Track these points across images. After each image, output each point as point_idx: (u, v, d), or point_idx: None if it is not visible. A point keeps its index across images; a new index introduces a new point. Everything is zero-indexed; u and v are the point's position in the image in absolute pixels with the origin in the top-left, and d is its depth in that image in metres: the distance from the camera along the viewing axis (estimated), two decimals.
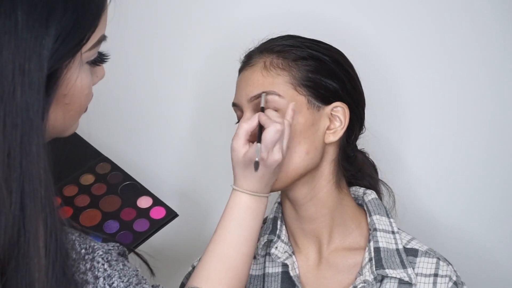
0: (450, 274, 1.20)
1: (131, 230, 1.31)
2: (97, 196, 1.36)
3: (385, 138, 1.44)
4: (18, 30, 0.85)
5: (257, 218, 1.12)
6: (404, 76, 1.55)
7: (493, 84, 1.53)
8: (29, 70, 0.86)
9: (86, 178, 1.39)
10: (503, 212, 1.56)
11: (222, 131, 1.14)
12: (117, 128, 1.63)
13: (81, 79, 0.93)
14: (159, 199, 1.36)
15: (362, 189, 1.29)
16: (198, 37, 1.59)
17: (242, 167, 1.12)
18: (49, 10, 0.87)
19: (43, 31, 0.86)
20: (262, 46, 1.23)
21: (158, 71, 1.62)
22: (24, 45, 0.85)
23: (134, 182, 1.38)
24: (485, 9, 1.50)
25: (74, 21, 0.89)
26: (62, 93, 0.91)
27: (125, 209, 1.34)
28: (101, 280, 0.96)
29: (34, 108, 0.86)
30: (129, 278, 0.98)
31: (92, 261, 0.96)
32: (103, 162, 1.41)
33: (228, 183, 1.16)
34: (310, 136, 1.17)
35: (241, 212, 1.12)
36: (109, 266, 0.97)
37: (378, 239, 1.21)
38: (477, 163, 1.55)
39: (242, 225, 1.11)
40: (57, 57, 0.88)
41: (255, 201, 1.12)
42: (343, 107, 1.20)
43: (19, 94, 0.85)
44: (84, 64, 0.94)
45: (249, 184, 1.12)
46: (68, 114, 0.95)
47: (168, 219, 1.33)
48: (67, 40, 0.88)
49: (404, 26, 1.53)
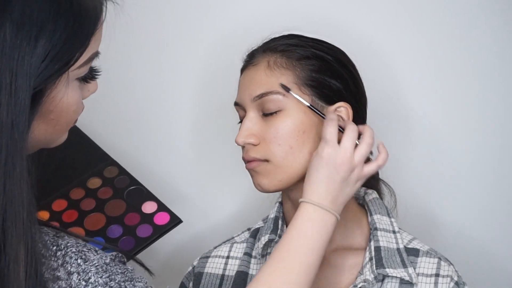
0: (452, 274, 1.20)
1: (133, 236, 1.31)
2: (102, 200, 1.36)
3: (386, 138, 1.44)
4: (6, 48, 0.84)
5: (326, 236, 1.07)
6: (406, 76, 1.55)
7: (495, 85, 1.53)
8: (16, 89, 0.84)
9: (94, 181, 1.39)
10: (504, 212, 1.56)
11: (227, 132, 1.14)
12: (121, 129, 1.63)
13: (67, 97, 0.91)
14: (164, 204, 1.35)
15: (363, 189, 1.29)
16: (200, 37, 1.59)
17: (347, 173, 1.10)
18: (38, 29, 0.85)
19: (31, 50, 0.85)
20: (265, 45, 1.22)
21: (158, 71, 1.62)
22: (11, 63, 0.84)
23: (140, 187, 1.38)
24: (487, 10, 1.50)
25: (63, 41, 0.87)
26: (47, 109, 0.90)
27: (130, 213, 1.34)
28: (75, 276, 0.93)
29: (19, 129, 0.85)
30: (110, 274, 0.95)
31: (64, 257, 0.93)
32: (111, 166, 1.41)
33: (227, 181, 1.15)
34: (313, 136, 1.17)
35: (310, 226, 1.06)
36: (84, 262, 0.94)
37: (378, 239, 1.21)
38: (478, 163, 1.56)
39: (309, 238, 1.05)
40: (43, 76, 0.86)
41: (323, 218, 1.08)
42: (346, 107, 1.19)
43: (5, 114, 0.84)
44: (73, 81, 0.92)
45: (316, 194, 1.09)
46: (54, 129, 0.93)
47: (171, 226, 1.32)
48: (54, 60, 0.87)
49: (406, 26, 1.54)
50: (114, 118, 1.61)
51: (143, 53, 1.61)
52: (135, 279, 0.97)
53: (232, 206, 1.57)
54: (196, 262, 1.33)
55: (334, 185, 1.09)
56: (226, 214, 1.59)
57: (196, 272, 1.32)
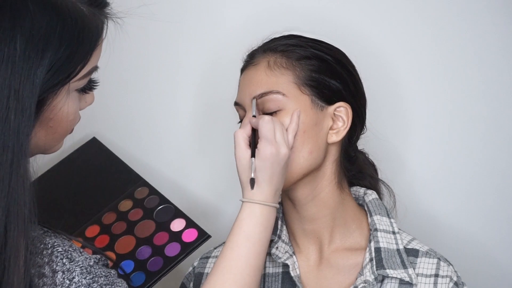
0: (451, 275, 1.20)
1: (162, 255, 1.31)
2: (133, 222, 1.37)
3: (386, 138, 1.44)
4: (16, 58, 0.91)
5: (266, 230, 1.11)
6: (405, 76, 1.55)
7: (495, 85, 1.53)
8: (23, 96, 0.91)
9: (125, 204, 1.41)
10: (504, 213, 1.56)
11: (228, 132, 1.14)
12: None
13: (67, 107, 0.98)
14: (193, 221, 1.35)
15: (362, 189, 1.29)
16: (200, 37, 1.59)
17: (250, 172, 1.11)
18: (45, 42, 0.93)
19: (38, 61, 0.92)
20: (265, 45, 1.23)
21: (159, 71, 1.62)
22: (20, 72, 0.91)
23: (169, 205, 1.39)
24: (487, 10, 1.51)
25: (67, 55, 0.95)
26: (47, 117, 0.96)
27: (158, 233, 1.34)
28: (59, 274, 0.97)
29: (24, 132, 0.92)
30: (94, 276, 0.99)
31: (51, 256, 0.98)
32: (142, 187, 1.42)
33: (227, 182, 1.16)
34: (313, 136, 1.17)
35: (251, 225, 1.10)
36: (69, 261, 0.98)
37: (378, 239, 1.21)
38: (478, 163, 1.55)
39: (251, 238, 1.10)
40: (47, 86, 0.94)
41: (265, 213, 1.11)
42: (346, 107, 1.20)
43: (13, 118, 0.91)
44: (73, 91, 0.98)
45: (258, 193, 1.11)
46: (51, 136, 0.99)
47: (199, 242, 1.32)
48: (58, 72, 0.94)
49: (405, 26, 1.54)
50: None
51: (142, 54, 1.61)
52: (116, 283, 1.01)
53: (232, 206, 1.57)
54: (197, 263, 1.33)
55: (277, 177, 1.12)
56: (226, 214, 1.58)
57: (196, 273, 1.32)
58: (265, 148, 1.11)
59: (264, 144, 1.11)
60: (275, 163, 1.11)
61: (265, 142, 1.11)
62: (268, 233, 1.12)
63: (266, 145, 1.11)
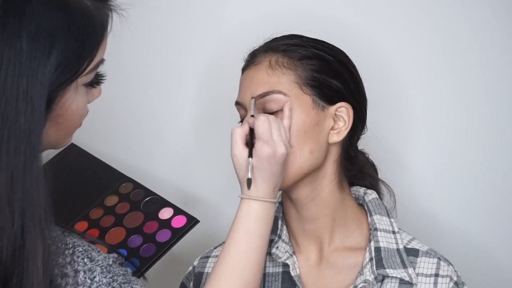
0: (451, 274, 1.20)
1: (153, 242, 1.31)
2: (121, 215, 1.38)
3: (386, 138, 1.44)
4: (23, 57, 0.90)
5: (266, 226, 1.12)
6: (406, 76, 1.55)
7: (495, 85, 1.53)
8: (32, 97, 0.90)
9: (111, 199, 1.41)
10: (504, 213, 1.56)
11: (228, 132, 1.14)
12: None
13: (76, 103, 0.97)
14: (180, 208, 1.36)
15: (362, 189, 1.29)
16: (201, 37, 1.59)
17: (247, 171, 1.11)
18: (52, 40, 0.91)
19: (45, 60, 0.91)
20: (266, 45, 1.23)
21: (159, 71, 1.62)
22: (27, 72, 0.90)
23: (155, 196, 1.39)
24: (487, 10, 1.51)
25: (74, 51, 0.94)
26: (57, 114, 0.95)
27: (148, 222, 1.35)
28: (81, 274, 0.97)
29: (35, 134, 0.91)
30: (113, 275, 0.99)
31: (72, 255, 0.98)
32: (126, 182, 1.43)
33: (227, 183, 1.16)
34: (314, 136, 1.17)
35: (251, 221, 1.11)
36: (90, 261, 0.98)
37: (378, 239, 1.21)
38: (478, 163, 1.56)
39: (251, 233, 1.10)
40: (55, 85, 0.92)
41: (264, 208, 1.11)
42: (347, 107, 1.20)
43: (23, 120, 0.90)
44: (81, 86, 0.98)
45: (257, 189, 1.11)
46: (62, 132, 0.99)
47: (189, 226, 1.33)
48: (66, 70, 0.93)
49: (406, 26, 1.54)
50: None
51: (143, 54, 1.61)
52: (133, 281, 1.01)
53: (232, 206, 1.57)
54: (197, 262, 1.33)
55: (275, 176, 1.12)
56: (226, 214, 1.58)
57: (196, 272, 1.32)
58: (262, 149, 1.11)
59: (261, 145, 1.11)
60: (272, 163, 1.11)
61: (262, 142, 1.11)
62: (268, 229, 1.12)
63: (263, 145, 1.11)
